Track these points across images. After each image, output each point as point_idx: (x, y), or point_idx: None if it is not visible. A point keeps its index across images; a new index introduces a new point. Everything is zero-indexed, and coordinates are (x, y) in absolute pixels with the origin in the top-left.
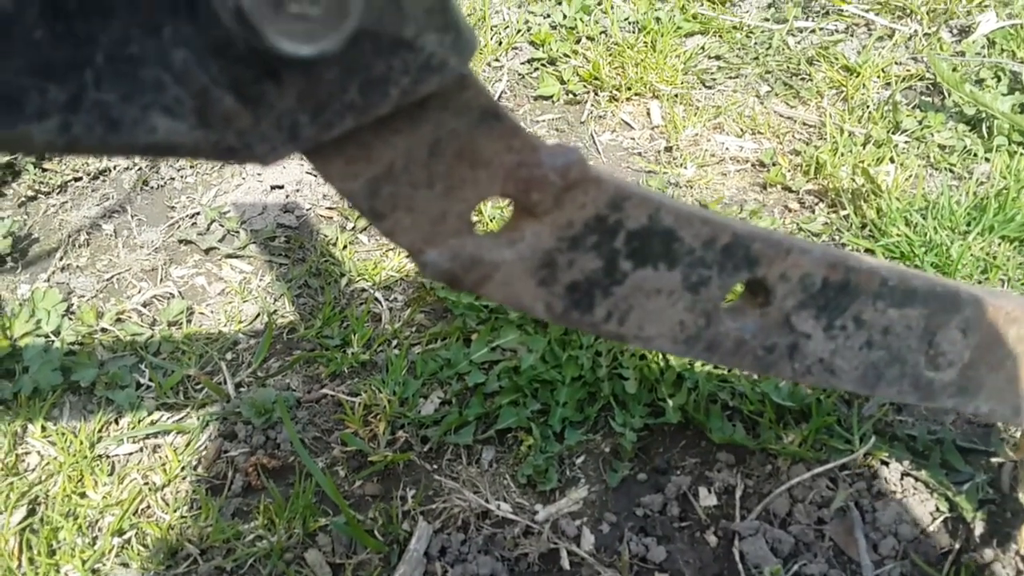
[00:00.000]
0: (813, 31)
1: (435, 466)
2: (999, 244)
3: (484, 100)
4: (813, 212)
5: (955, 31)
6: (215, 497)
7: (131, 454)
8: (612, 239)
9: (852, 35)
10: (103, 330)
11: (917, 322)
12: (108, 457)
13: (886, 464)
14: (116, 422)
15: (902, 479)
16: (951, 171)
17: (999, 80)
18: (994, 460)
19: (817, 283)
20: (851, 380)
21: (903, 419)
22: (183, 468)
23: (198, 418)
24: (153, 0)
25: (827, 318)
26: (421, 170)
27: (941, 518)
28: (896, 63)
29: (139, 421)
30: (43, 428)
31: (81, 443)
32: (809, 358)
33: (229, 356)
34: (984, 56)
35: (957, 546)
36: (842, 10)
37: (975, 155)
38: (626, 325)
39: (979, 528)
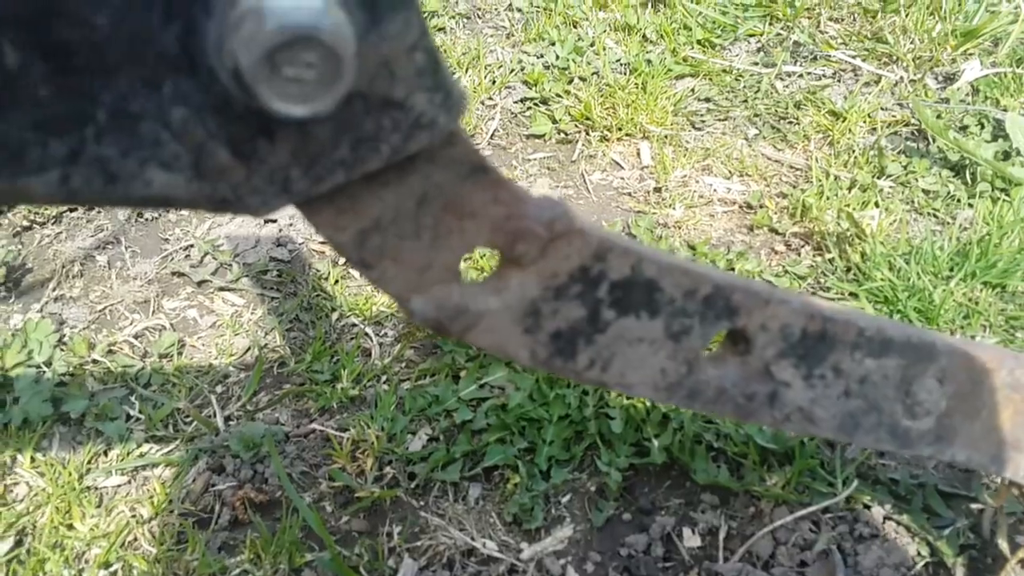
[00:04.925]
0: (801, 76)
1: (422, 503)
2: (981, 290)
3: (472, 155)
4: (799, 255)
5: (940, 78)
6: (202, 531)
7: (119, 486)
8: (595, 289)
9: (839, 80)
10: (94, 361)
11: (894, 372)
12: (96, 489)
13: (868, 508)
14: (105, 454)
15: (884, 523)
16: (935, 216)
17: (982, 127)
18: (975, 506)
19: (796, 333)
20: (830, 428)
21: (885, 463)
22: (170, 501)
23: (187, 451)
24: (155, 58)
25: (806, 367)
26: (409, 222)
27: (923, 563)
28: (882, 108)
29: (128, 453)
30: (32, 459)
31: (70, 474)
32: (789, 406)
33: (219, 389)
34: (968, 104)
35: None
36: (829, 56)
37: (959, 201)
38: (608, 372)
39: (960, 573)
